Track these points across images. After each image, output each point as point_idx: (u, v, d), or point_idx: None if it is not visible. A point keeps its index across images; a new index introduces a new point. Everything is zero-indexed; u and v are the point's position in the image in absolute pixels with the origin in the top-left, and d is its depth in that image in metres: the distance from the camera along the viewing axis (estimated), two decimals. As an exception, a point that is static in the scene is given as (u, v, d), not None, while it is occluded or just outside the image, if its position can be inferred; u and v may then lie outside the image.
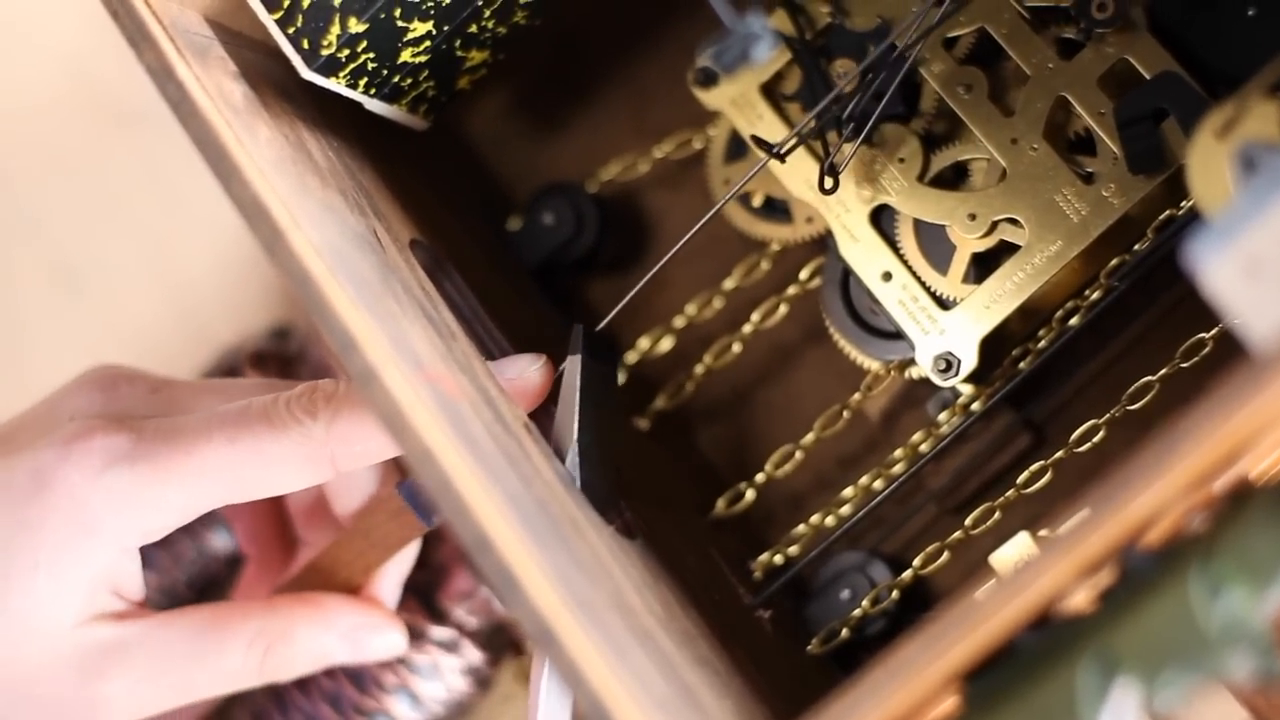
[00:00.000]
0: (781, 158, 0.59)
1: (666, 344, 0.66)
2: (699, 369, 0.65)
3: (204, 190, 0.78)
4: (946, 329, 0.60)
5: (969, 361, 0.59)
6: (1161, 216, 0.59)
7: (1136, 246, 0.59)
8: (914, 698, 0.46)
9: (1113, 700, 0.44)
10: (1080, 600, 0.48)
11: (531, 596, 0.46)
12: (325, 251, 0.51)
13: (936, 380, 0.60)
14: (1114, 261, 0.60)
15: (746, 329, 0.64)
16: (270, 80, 0.58)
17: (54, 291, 0.80)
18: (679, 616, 0.55)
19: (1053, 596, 0.47)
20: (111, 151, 0.79)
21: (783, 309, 0.64)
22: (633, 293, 0.60)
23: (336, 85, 0.58)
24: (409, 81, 0.60)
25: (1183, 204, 0.59)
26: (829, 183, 0.59)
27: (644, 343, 0.66)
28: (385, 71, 0.58)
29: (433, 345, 0.54)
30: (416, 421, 0.48)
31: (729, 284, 0.65)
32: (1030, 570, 0.45)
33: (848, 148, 0.60)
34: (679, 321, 0.66)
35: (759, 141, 0.59)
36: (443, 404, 0.50)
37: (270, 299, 0.77)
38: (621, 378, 0.66)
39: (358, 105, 0.60)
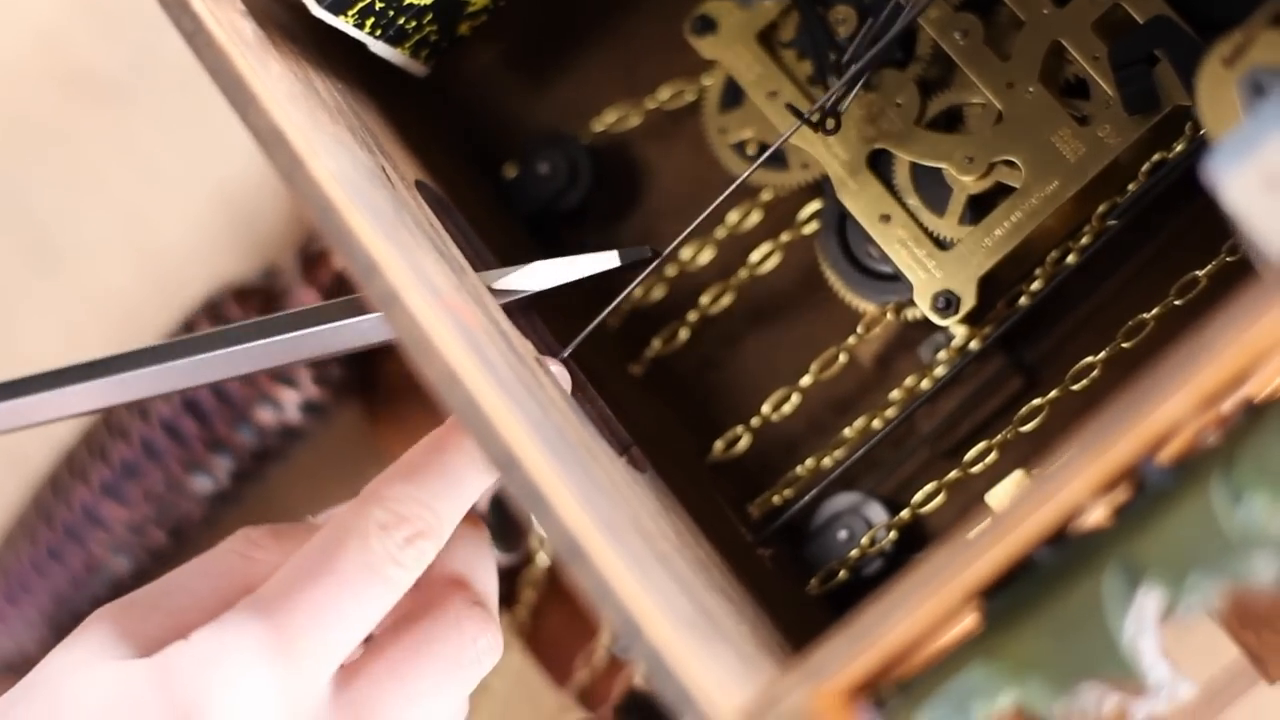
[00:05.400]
0: (815, 126, 0.60)
1: (659, 292, 0.66)
2: (692, 315, 0.66)
3: (177, 159, 0.79)
4: (945, 268, 0.61)
5: (968, 300, 0.60)
6: (1153, 159, 0.60)
7: (1130, 187, 0.60)
8: (936, 612, 0.47)
9: (1136, 606, 0.45)
10: (1096, 517, 0.49)
11: (560, 514, 0.47)
12: (342, 181, 0.51)
13: (935, 319, 0.60)
14: (1103, 206, 0.61)
15: (742, 273, 0.65)
16: (275, 21, 0.58)
17: (30, 263, 0.79)
18: (691, 545, 0.55)
19: (1071, 511, 0.47)
20: (84, 123, 0.79)
21: (777, 255, 0.65)
22: (639, 279, 0.60)
23: (344, 24, 0.58)
24: (413, 24, 0.60)
25: (1175, 146, 0.60)
26: (830, 123, 0.60)
27: (637, 291, 0.66)
28: (391, 12, 0.59)
29: (446, 278, 0.54)
30: (440, 343, 0.48)
31: (721, 232, 0.66)
32: (1054, 481, 0.46)
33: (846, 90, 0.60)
34: (671, 270, 0.66)
35: (793, 109, 0.60)
36: (462, 330, 0.51)
37: (246, 263, 0.77)
38: (615, 323, 0.66)
39: (359, 49, 0.61)
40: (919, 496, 0.62)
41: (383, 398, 0.73)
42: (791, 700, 0.45)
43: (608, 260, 0.59)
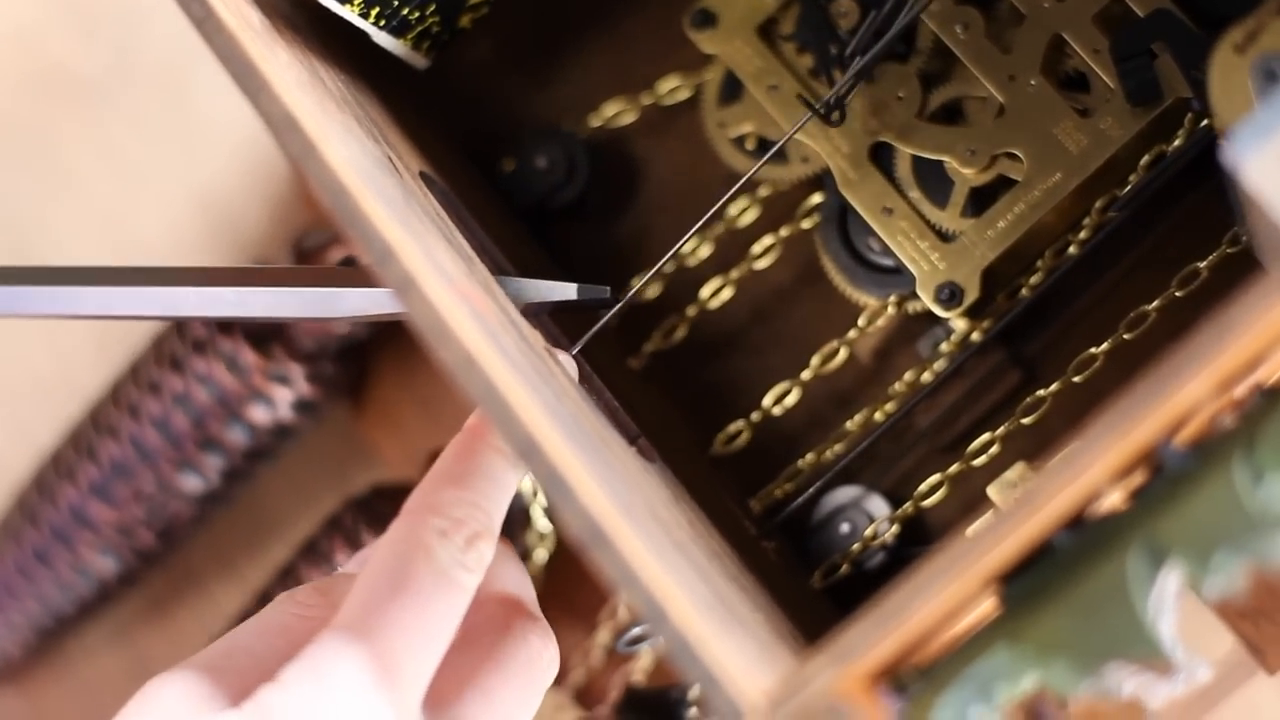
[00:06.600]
0: (826, 118, 0.60)
1: (658, 287, 0.66)
2: (691, 310, 0.66)
3: (155, 159, 0.78)
4: (948, 260, 0.61)
5: (971, 292, 0.60)
6: (1153, 151, 0.61)
7: (1131, 178, 0.61)
8: (957, 597, 0.47)
9: (1158, 585, 0.45)
10: (1113, 501, 0.49)
11: (581, 498, 0.47)
12: (354, 168, 0.51)
13: (938, 311, 0.61)
14: (1100, 202, 0.61)
15: (743, 267, 0.65)
16: (277, 10, 0.58)
17: (7, 264, 0.78)
18: (704, 535, 0.55)
19: (1091, 495, 0.47)
20: (59, 123, 0.79)
21: (777, 249, 0.65)
22: (644, 281, 0.60)
23: (349, 13, 0.58)
24: (416, 15, 0.60)
25: (1174, 139, 0.60)
26: (835, 115, 0.60)
27: (634, 281, 0.66)
28: (396, 2, 0.59)
29: (456, 265, 0.54)
30: (457, 328, 0.48)
31: (719, 226, 0.66)
32: (1075, 464, 0.46)
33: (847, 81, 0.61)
34: (669, 265, 0.66)
35: (805, 101, 0.60)
36: (476, 316, 0.50)
37: (226, 263, 0.76)
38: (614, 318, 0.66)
39: (360, 41, 0.61)
40: (922, 489, 0.62)
41: (372, 396, 0.73)
42: (819, 683, 0.45)
43: (564, 291, 0.58)
